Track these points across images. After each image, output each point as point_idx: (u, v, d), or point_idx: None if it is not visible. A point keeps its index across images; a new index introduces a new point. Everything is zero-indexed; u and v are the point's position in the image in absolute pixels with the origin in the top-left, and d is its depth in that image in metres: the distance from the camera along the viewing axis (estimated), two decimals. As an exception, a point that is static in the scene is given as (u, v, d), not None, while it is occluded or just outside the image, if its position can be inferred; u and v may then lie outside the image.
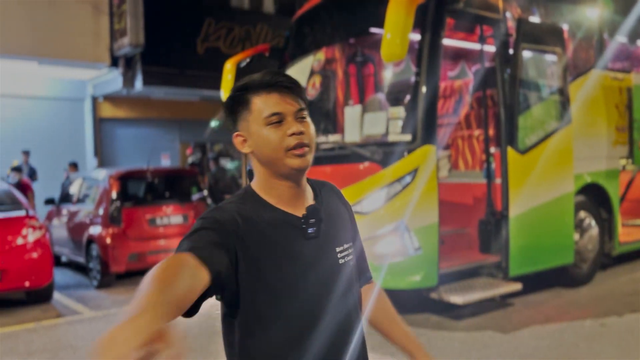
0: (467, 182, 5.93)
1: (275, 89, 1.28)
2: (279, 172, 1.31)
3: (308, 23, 6.44)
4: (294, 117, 1.28)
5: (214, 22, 12.19)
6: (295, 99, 1.29)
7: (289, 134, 1.26)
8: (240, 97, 1.30)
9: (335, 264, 1.37)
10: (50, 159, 12.26)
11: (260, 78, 1.30)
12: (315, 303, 1.32)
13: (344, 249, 1.40)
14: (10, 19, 10.08)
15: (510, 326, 5.00)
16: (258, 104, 1.28)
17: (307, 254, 1.32)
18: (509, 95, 5.26)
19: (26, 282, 5.99)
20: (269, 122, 1.27)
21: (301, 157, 1.28)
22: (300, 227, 1.32)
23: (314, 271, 1.33)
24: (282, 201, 1.34)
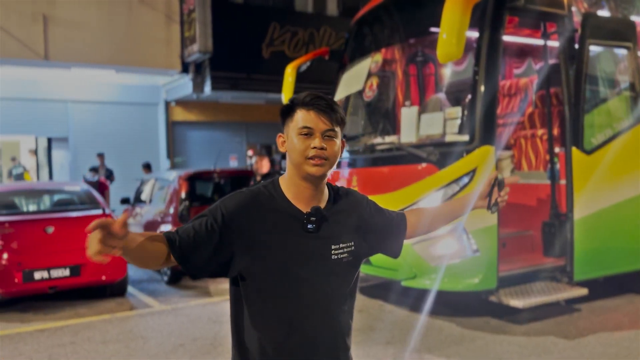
0: (530, 183, 5.76)
1: (315, 108, 1.58)
2: (300, 174, 1.61)
3: (368, 24, 6.49)
4: (322, 134, 1.58)
5: (279, 26, 12.47)
6: (329, 121, 1.58)
7: (312, 147, 1.57)
8: (290, 107, 1.63)
9: (328, 258, 1.64)
10: (127, 160, 12.99)
11: (305, 96, 1.61)
12: (305, 286, 1.62)
13: (339, 247, 1.66)
14: (91, 31, 10.80)
15: (575, 332, 4.83)
16: (298, 116, 1.59)
17: (304, 244, 1.62)
18: (574, 93, 5.08)
19: (103, 276, 6.41)
20: (300, 132, 1.58)
21: (316, 167, 1.58)
22: (302, 221, 1.62)
23: (307, 260, 1.62)
24: (297, 197, 1.64)
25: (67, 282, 6.18)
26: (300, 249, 1.62)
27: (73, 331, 5.45)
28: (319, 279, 1.64)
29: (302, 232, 1.62)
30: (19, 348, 4.98)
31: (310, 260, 1.62)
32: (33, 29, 10.26)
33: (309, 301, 1.63)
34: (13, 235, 6.09)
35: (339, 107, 1.62)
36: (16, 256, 5.97)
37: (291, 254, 1.61)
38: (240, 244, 1.58)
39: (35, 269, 5.99)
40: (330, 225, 1.65)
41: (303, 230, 1.62)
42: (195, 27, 11.14)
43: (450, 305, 5.65)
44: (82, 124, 12.97)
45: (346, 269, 1.69)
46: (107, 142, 12.96)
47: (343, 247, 1.67)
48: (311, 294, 1.63)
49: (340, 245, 1.66)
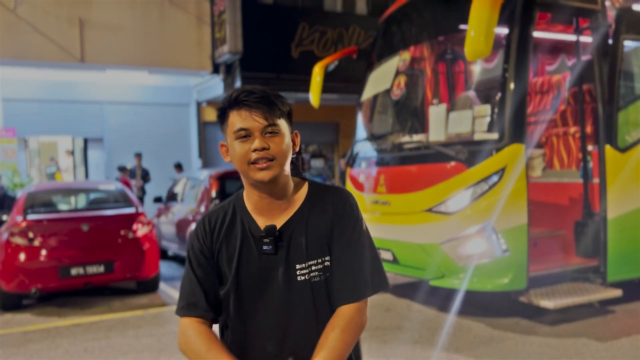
0: (562, 182, 5.66)
1: (245, 106, 1.38)
2: (249, 181, 1.44)
3: (395, 23, 6.47)
4: (262, 132, 1.38)
5: (308, 26, 12.52)
6: (265, 116, 1.38)
7: (252, 149, 1.37)
8: (222, 110, 1.44)
9: (294, 279, 1.43)
10: (159, 160, 13.25)
11: (232, 95, 1.41)
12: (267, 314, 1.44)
13: (307, 266, 1.43)
14: (125, 34, 11.06)
15: (608, 334, 4.72)
16: (231, 119, 1.41)
17: (261, 265, 1.44)
18: (608, 89, 4.97)
19: (136, 272, 6.58)
20: (237, 136, 1.39)
21: (263, 170, 1.38)
22: (259, 239, 1.44)
23: (267, 284, 1.44)
24: (256, 209, 1.47)
25: (102, 278, 6.37)
26: (259, 271, 1.44)
27: (107, 326, 5.61)
28: (283, 302, 1.43)
29: (259, 252, 1.44)
30: (56, 341, 5.15)
31: (270, 282, 1.43)
32: (70, 33, 10.56)
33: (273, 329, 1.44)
34: (51, 233, 6.29)
35: (278, 96, 1.42)
36: (53, 253, 6.18)
37: (249, 276, 1.44)
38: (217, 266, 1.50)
39: (72, 265, 6.19)
40: (295, 241, 1.44)
41: (260, 249, 1.44)
42: (226, 29, 11.28)
43: (480, 305, 5.59)
44: (116, 124, 13.28)
45: (319, 291, 1.44)
46: (141, 142, 13.24)
47: (311, 264, 1.43)
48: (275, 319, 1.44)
49: (308, 264, 1.43)
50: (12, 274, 6.07)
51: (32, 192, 7.05)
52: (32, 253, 6.12)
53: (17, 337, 5.33)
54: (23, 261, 6.08)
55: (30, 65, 10.69)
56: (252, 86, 1.43)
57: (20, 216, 6.43)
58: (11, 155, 11.42)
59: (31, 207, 6.69)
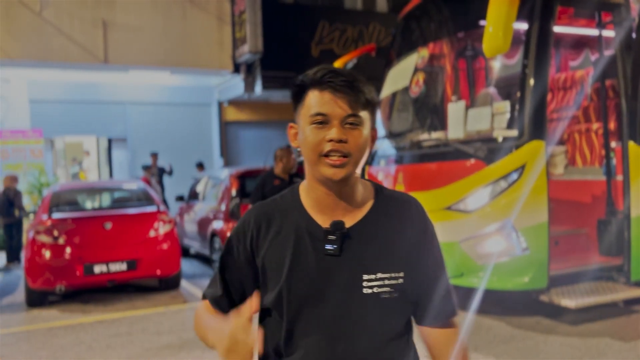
0: (585, 180, 5.56)
1: (329, 88, 1.19)
2: (315, 176, 1.24)
3: (414, 20, 6.43)
4: (341, 122, 1.18)
5: (328, 24, 12.52)
6: (350, 103, 1.18)
7: (327, 139, 1.18)
8: (299, 88, 1.24)
9: (357, 291, 1.22)
10: (182, 159, 13.40)
11: (316, 73, 1.22)
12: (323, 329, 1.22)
13: (377, 278, 1.22)
14: (147, 35, 11.21)
15: (632, 334, 4.63)
16: (309, 100, 1.21)
17: (321, 270, 1.22)
18: (632, 85, 4.86)
19: (157, 270, 6.67)
20: (313, 120, 1.19)
21: (335, 168, 1.18)
22: (321, 240, 1.23)
23: (324, 292, 1.22)
24: (317, 206, 1.27)
25: (125, 275, 6.47)
26: (316, 275, 1.23)
27: (129, 322, 5.70)
28: (342, 316, 1.22)
29: (320, 254, 1.23)
30: (80, 337, 5.26)
31: (327, 291, 1.22)
32: (93, 34, 10.75)
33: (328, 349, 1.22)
34: (75, 231, 6.43)
35: (366, 83, 1.22)
36: (78, 251, 6.31)
37: (303, 281, 1.22)
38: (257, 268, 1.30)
39: (95, 263, 6.31)
40: (365, 246, 1.24)
41: (321, 251, 1.23)
42: (246, 28, 11.35)
43: (500, 304, 5.53)
44: (139, 124, 13.48)
45: (388, 308, 1.24)
46: (163, 141, 13.41)
47: (383, 278, 1.23)
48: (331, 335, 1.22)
49: (378, 276, 1.23)
50: (38, 271, 6.21)
51: (57, 192, 7.21)
52: (57, 251, 6.26)
53: (43, 332, 5.46)
54: (48, 259, 6.23)
55: (55, 66, 10.92)
56: (340, 68, 1.24)
57: (46, 215, 6.58)
58: (38, 155, 11.69)
59: (56, 205, 6.84)
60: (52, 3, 10.35)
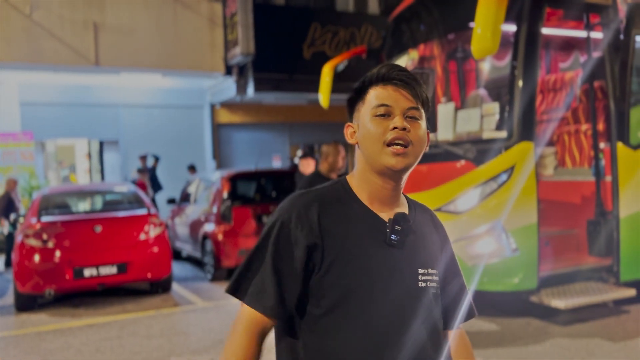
0: (574, 180, 5.58)
1: (392, 83, 1.25)
2: (375, 167, 1.25)
3: (404, 22, 6.44)
4: (403, 113, 1.23)
5: (320, 26, 12.52)
6: (411, 96, 1.24)
7: (391, 127, 1.22)
8: (360, 89, 1.30)
9: (414, 284, 1.25)
10: (174, 161, 13.36)
11: (378, 70, 1.27)
12: (383, 318, 1.22)
13: (428, 273, 1.28)
14: (139, 37, 11.17)
15: (622, 334, 4.65)
16: (371, 95, 1.26)
17: (384, 261, 1.23)
18: (620, 86, 4.89)
19: (148, 273, 6.64)
20: (375, 112, 1.24)
21: (397, 157, 1.21)
22: (383, 231, 1.25)
23: (388, 282, 1.23)
24: (372, 199, 1.28)
25: (115, 279, 6.44)
26: (381, 268, 1.24)
27: (119, 326, 5.67)
28: (399, 306, 1.24)
29: (382, 244, 1.25)
30: (69, 341, 5.22)
31: (387, 281, 1.23)
32: (84, 37, 10.70)
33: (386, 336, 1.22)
34: (64, 235, 6.39)
35: (422, 82, 1.29)
36: (67, 254, 6.27)
37: (371, 269, 1.22)
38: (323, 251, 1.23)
39: (85, 267, 6.27)
40: (417, 241, 1.29)
41: (383, 242, 1.25)
42: (238, 30, 11.33)
43: (491, 305, 5.54)
44: (131, 127, 13.42)
45: (435, 302, 1.30)
46: (155, 144, 13.35)
47: (432, 273, 1.29)
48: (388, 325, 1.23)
49: (429, 271, 1.29)
50: (27, 275, 6.17)
51: (46, 195, 7.16)
52: (46, 254, 6.22)
53: (32, 337, 5.42)
54: (37, 263, 6.18)
55: (46, 69, 10.86)
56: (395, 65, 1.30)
57: (35, 218, 6.54)
58: (29, 158, 11.61)
59: (45, 209, 6.80)
60: (42, 5, 10.29)
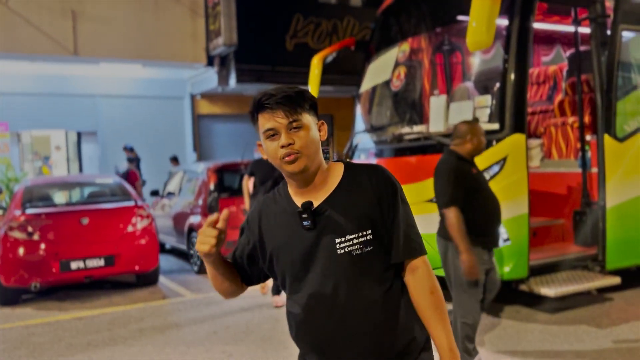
0: (561, 172, 5.71)
1: (267, 108, 1.51)
2: (285, 174, 1.59)
3: (394, 14, 6.48)
4: (287, 129, 1.50)
5: (302, 17, 12.47)
6: (286, 114, 1.50)
7: (280, 145, 1.50)
8: (252, 115, 1.58)
9: (333, 253, 1.53)
10: (154, 153, 13.19)
11: (256, 100, 1.54)
12: (314, 283, 1.55)
13: (346, 240, 1.53)
14: (119, 26, 10.96)
15: (607, 321, 4.80)
16: (260, 121, 1.54)
17: (304, 242, 1.56)
18: (606, 79, 5.01)
19: (136, 266, 6.57)
20: (266, 135, 1.53)
21: (292, 164, 1.51)
22: (299, 216, 1.55)
23: (311, 258, 1.55)
24: (295, 192, 1.61)
25: (102, 271, 6.36)
26: (303, 246, 1.56)
27: (109, 319, 5.61)
28: (327, 274, 1.54)
29: (301, 229, 1.56)
30: (59, 335, 5.15)
31: (313, 256, 1.55)
32: (62, 25, 10.45)
33: (323, 299, 1.54)
34: (50, 227, 6.27)
35: (299, 92, 1.52)
36: (53, 247, 6.16)
37: (295, 252, 1.57)
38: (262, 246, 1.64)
39: (72, 259, 6.18)
40: (332, 218, 1.54)
41: (301, 227, 1.56)
42: (220, 21, 11.21)
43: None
44: (110, 118, 13.20)
45: (361, 261, 1.53)
46: (135, 135, 13.16)
47: (351, 238, 1.53)
48: (323, 290, 1.54)
49: (347, 238, 1.53)
50: (11, 268, 6.05)
51: (29, 186, 7.01)
52: (31, 247, 6.10)
53: (19, 331, 5.33)
54: (22, 255, 6.07)
55: (23, 58, 10.59)
56: (276, 87, 1.54)
57: (19, 210, 6.41)
58: (4, 149, 11.33)
59: (29, 201, 6.66)
60: (19, -8, 10.02)
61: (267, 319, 5.38)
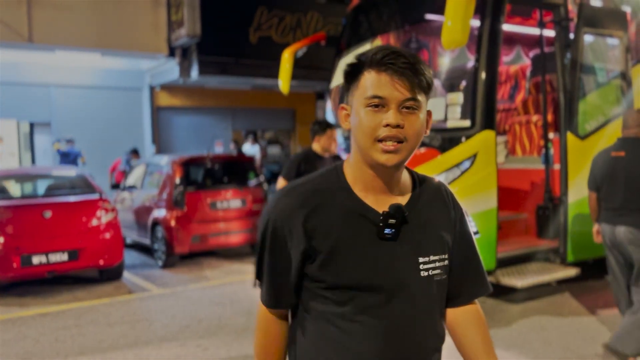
0: (524, 168, 5.94)
1: (389, 69, 1.15)
2: (367, 160, 1.21)
3: (365, 11, 6.55)
4: (398, 105, 1.15)
5: (267, 10, 12.41)
6: (409, 87, 1.15)
7: (383, 124, 1.15)
8: (355, 67, 1.20)
9: (415, 274, 1.23)
10: (110, 145, 12.84)
11: (376, 52, 1.18)
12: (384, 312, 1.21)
13: (430, 260, 1.24)
14: (77, 13, 10.59)
15: (568, 310, 5.04)
16: (366, 81, 1.17)
17: (379, 255, 1.20)
18: (570, 80, 5.24)
19: (100, 260, 6.41)
20: (368, 103, 1.16)
21: (389, 154, 1.16)
22: (377, 225, 1.20)
23: (386, 279, 1.21)
24: (367, 190, 1.24)
25: (65, 266, 6.17)
26: (377, 263, 1.20)
27: (76, 314, 5.47)
28: (405, 300, 1.22)
29: (377, 239, 1.21)
30: (23, 331, 4.98)
31: (390, 274, 1.21)
32: (17, 11, 10.01)
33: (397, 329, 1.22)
34: (11, 220, 6.04)
35: (425, 65, 1.18)
36: (14, 241, 5.93)
37: (366, 267, 1.20)
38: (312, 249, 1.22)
39: (34, 254, 5.97)
40: (416, 230, 1.24)
41: (378, 235, 1.21)
42: (183, 11, 11.00)
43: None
44: (64, 108, 12.75)
45: (440, 289, 1.28)
46: (90, 127, 12.78)
47: (435, 260, 1.25)
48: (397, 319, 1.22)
49: (431, 258, 1.25)
50: (-32, 263, 5.79)
51: (-14, 178, 6.72)
52: (-10, 241, 5.85)
53: (-20, 328, 5.12)
54: (-20, 250, 5.81)
55: (-28, 44, 10.10)
56: (398, 48, 1.19)
57: (-24, 203, 6.13)
58: (-49, 139, 10.79)
59: (-13, 193, 6.39)
60: (-31, -26, 9.54)
61: (240, 312, 5.37)
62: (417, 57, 1.18)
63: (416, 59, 1.17)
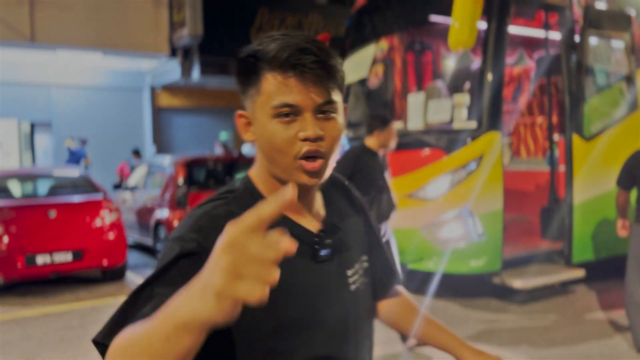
0: (528, 170, 5.96)
1: (297, 72, 0.91)
2: (284, 178, 0.97)
3: (369, 13, 6.55)
4: (314, 112, 0.93)
5: (268, 11, 12.44)
6: (324, 89, 0.92)
7: (301, 138, 0.92)
8: (250, 66, 0.94)
9: (347, 292, 1.05)
10: (111, 146, 12.84)
11: (278, 50, 0.91)
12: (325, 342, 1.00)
13: (355, 271, 1.08)
14: (78, 12, 10.60)
15: (573, 311, 5.05)
16: (270, 86, 0.92)
17: (316, 281, 1.00)
18: (575, 82, 5.26)
19: (104, 260, 6.40)
20: (277, 113, 0.92)
21: (311, 174, 0.94)
22: (312, 246, 1.00)
23: (323, 304, 1.01)
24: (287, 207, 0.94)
25: (70, 266, 6.16)
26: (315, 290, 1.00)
27: (79, 314, 5.45)
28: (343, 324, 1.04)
29: (311, 262, 1.00)
30: (28, 331, 4.97)
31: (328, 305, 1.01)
32: (19, 10, 10.01)
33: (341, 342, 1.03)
34: (15, 220, 6.02)
35: (336, 56, 0.95)
36: (18, 241, 5.92)
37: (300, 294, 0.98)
38: None
39: (38, 254, 5.95)
40: (342, 241, 1.07)
41: (312, 259, 1.00)
42: (185, 11, 11.02)
43: (451, 287, 5.82)
44: (65, 108, 12.76)
45: (367, 296, 1.13)
46: (91, 127, 12.79)
47: (357, 267, 1.09)
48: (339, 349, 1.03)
49: (355, 267, 1.09)
50: (-28, 263, 5.77)
51: (-11, 178, 6.71)
52: (-6, 241, 5.84)
53: (-16, 328, 5.11)
54: (-16, 250, 5.80)
55: (-26, 43, 10.10)
56: (293, 34, 0.94)
57: (-21, 203, 6.12)
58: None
59: (-10, 193, 6.37)
60: (-29, -26, 9.54)
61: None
62: (326, 48, 0.94)
63: (326, 52, 0.93)
